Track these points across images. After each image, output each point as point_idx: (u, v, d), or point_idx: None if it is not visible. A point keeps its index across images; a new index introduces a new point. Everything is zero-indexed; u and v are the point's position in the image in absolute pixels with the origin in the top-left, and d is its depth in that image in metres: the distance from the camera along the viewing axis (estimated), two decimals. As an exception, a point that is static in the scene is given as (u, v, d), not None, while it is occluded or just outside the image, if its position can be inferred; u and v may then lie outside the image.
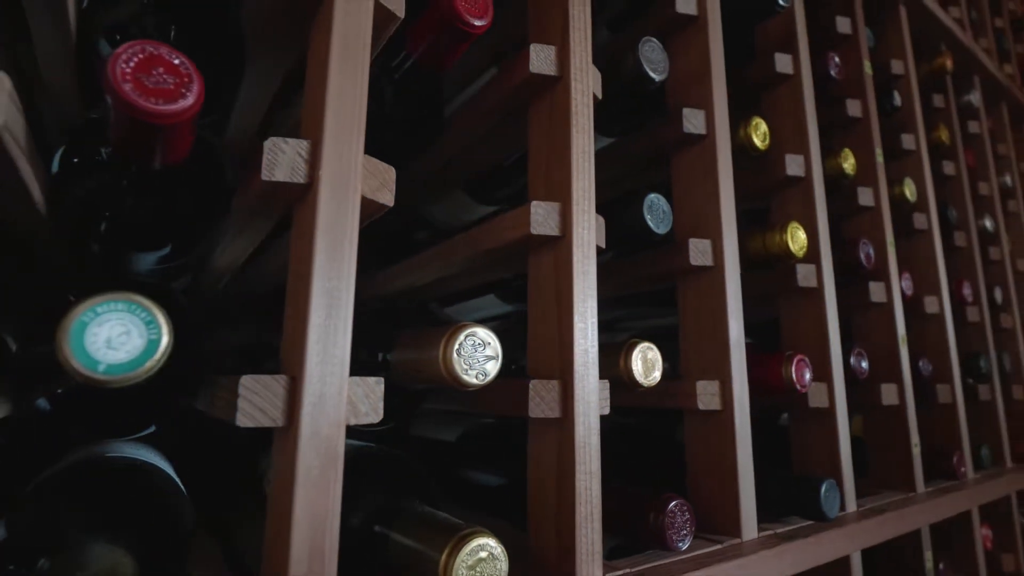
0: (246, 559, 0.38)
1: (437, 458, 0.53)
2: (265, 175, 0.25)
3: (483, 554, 0.26)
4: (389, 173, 0.28)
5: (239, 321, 0.57)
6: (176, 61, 0.23)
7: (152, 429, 0.35)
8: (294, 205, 0.27)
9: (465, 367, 0.28)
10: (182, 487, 0.32)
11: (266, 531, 0.25)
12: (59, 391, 0.30)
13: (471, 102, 0.42)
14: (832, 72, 0.58)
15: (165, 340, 0.21)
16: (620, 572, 0.32)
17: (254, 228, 0.32)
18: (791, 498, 0.44)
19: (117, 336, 0.20)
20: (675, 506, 0.35)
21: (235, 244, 0.37)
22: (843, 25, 0.63)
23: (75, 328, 0.19)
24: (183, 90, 0.22)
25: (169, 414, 0.34)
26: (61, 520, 0.27)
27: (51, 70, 0.35)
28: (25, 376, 0.32)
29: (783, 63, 0.53)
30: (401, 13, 0.30)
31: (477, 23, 0.33)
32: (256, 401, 0.23)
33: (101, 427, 0.34)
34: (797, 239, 0.47)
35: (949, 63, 0.78)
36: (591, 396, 0.32)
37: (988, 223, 0.84)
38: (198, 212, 0.34)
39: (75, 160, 0.30)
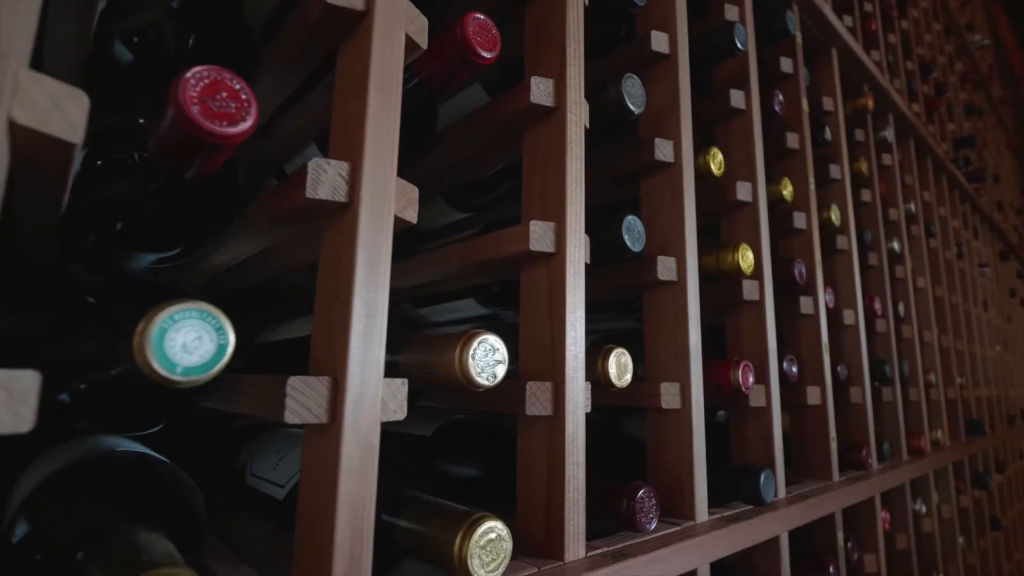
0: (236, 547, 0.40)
1: (413, 451, 0.56)
2: (309, 193, 0.27)
3: (492, 535, 0.30)
4: (414, 193, 0.31)
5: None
6: (237, 87, 0.25)
7: (159, 427, 0.36)
8: (326, 221, 0.29)
9: (478, 370, 0.31)
10: (191, 480, 0.33)
11: (300, 517, 0.27)
12: (82, 387, 0.31)
13: (466, 122, 0.45)
14: (776, 108, 0.65)
15: (231, 345, 0.23)
16: (600, 551, 0.36)
17: (274, 235, 0.34)
18: (735, 486, 0.50)
19: (191, 341, 0.22)
20: (644, 493, 0.40)
21: (240, 246, 0.38)
22: (786, 65, 0.71)
23: (156, 333, 0.21)
24: (243, 114, 0.25)
25: (181, 413, 0.36)
26: (87, 513, 0.29)
27: (57, 70, 0.35)
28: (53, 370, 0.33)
29: (737, 99, 0.59)
30: (425, 45, 0.33)
31: (486, 55, 0.36)
32: (302, 400, 0.26)
33: (112, 423, 0.35)
34: (747, 259, 0.53)
35: (871, 103, 0.88)
36: (579, 396, 0.36)
37: (895, 245, 0.95)
38: (212, 217, 0.35)
39: (99, 163, 0.31)
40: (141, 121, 0.31)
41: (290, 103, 0.41)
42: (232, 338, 0.23)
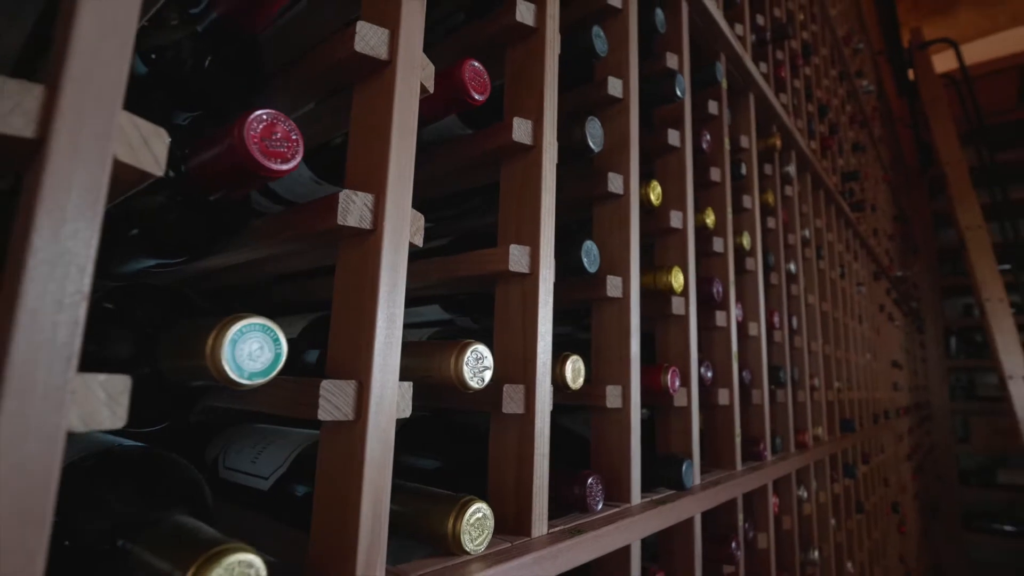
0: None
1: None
2: (340, 220, 0.31)
3: (479, 515, 0.35)
4: (421, 220, 0.36)
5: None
6: (289, 128, 0.29)
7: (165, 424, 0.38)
8: (348, 243, 0.34)
9: (471, 375, 0.36)
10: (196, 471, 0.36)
11: (319, 503, 0.31)
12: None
13: (448, 148, 0.49)
14: (704, 146, 0.75)
15: (285, 353, 0.27)
16: (558, 528, 0.43)
17: (289, 249, 0.38)
18: (661, 473, 0.58)
19: (255, 350, 0.26)
20: (592, 480, 0.47)
21: (248, 254, 0.41)
22: (712, 108, 0.81)
23: (229, 343, 0.25)
24: (292, 153, 0.29)
25: (189, 411, 0.38)
26: (106, 504, 0.31)
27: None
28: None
29: (673, 138, 0.68)
30: (432, 89, 0.38)
31: (479, 98, 0.42)
32: (333, 400, 0.30)
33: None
34: (678, 279, 0.62)
35: (779, 143, 1.01)
36: (546, 397, 0.43)
37: (792, 267, 1.09)
38: (225, 230, 0.38)
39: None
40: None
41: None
42: (285, 348, 0.27)
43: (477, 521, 0.35)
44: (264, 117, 0.28)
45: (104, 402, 0.22)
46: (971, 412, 3.89)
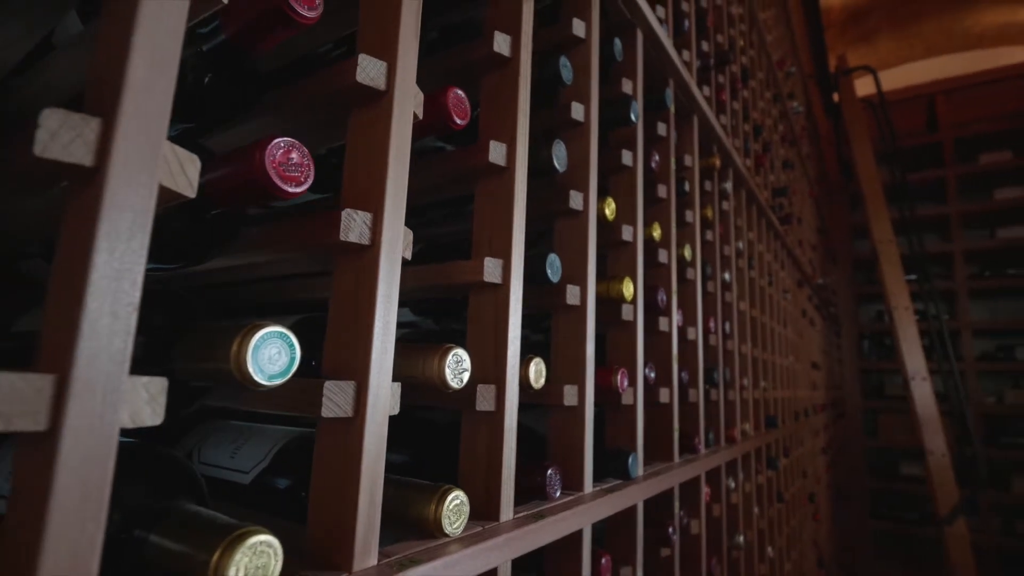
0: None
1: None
2: (342, 236, 0.34)
3: (457, 501, 0.39)
4: (410, 235, 0.39)
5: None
6: (303, 155, 0.32)
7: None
8: (347, 256, 0.37)
9: (451, 376, 0.40)
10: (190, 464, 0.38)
11: (315, 492, 0.35)
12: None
13: (427, 164, 0.53)
14: (653, 165, 0.81)
15: (299, 358, 0.30)
16: (523, 513, 0.47)
17: (287, 257, 0.40)
18: (610, 465, 0.64)
19: (274, 355, 0.29)
20: (552, 471, 0.52)
21: (235, 260, 0.43)
22: (661, 129, 0.88)
23: (253, 349, 0.28)
24: (304, 178, 0.32)
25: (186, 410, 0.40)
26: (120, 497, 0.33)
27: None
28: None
29: (627, 158, 0.74)
30: (422, 116, 0.41)
31: (460, 122, 0.45)
32: (335, 399, 0.33)
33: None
34: (629, 289, 0.68)
35: (718, 163, 1.10)
36: (514, 395, 0.47)
37: (727, 276, 1.19)
38: (222, 239, 0.40)
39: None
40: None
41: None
42: (299, 353, 0.30)
43: (456, 507, 0.39)
44: (282, 144, 0.31)
45: (147, 401, 0.25)
46: (880, 409, 4.24)
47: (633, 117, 0.70)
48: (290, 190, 0.31)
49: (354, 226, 0.35)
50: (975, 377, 3.70)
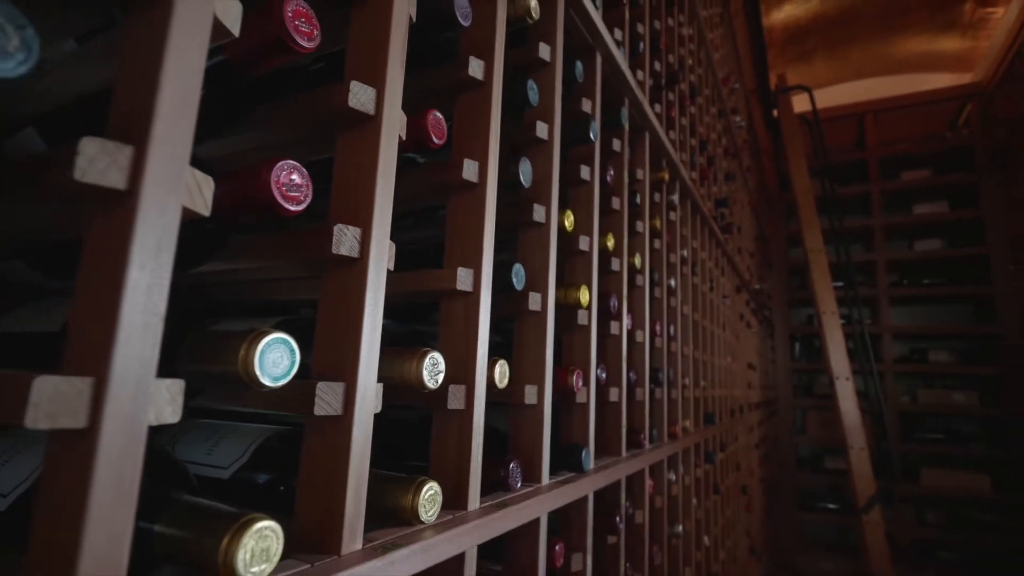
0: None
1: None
2: (334, 250, 0.38)
3: (432, 492, 0.43)
4: (393, 248, 0.43)
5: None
6: (304, 177, 0.35)
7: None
8: (333, 267, 0.40)
9: (428, 377, 0.44)
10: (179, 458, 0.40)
11: (304, 485, 0.38)
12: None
13: (403, 176, 0.56)
14: (608, 179, 0.87)
15: (298, 361, 0.33)
16: (488, 503, 0.52)
17: (278, 265, 0.43)
18: (564, 459, 0.69)
19: (279, 359, 0.32)
20: (514, 464, 0.57)
21: (223, 265, 0.45)
22: (616, 145, 0.93)
23: (259, 353, 0.31)
24: (304, 197, 0.35)
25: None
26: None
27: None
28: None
29: (585, 173, 0.79)
30: (405, 137, 0.45)
31: (438, 142, 0.49)
32: (326, 398, 0.36)
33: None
34: (585, 296, 0.73)
35: (667, 176, 1.17)
36: (483, 395, 0.51)
37: (672, 282, 1.27)
38: (213, 247, 0.43)
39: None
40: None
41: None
42: (299, 357, 0.33)
43: (430, 497, 0.43)
44: (286, 166, 0.34)
45: (168, 401, 0.27)
46: (808, 407, 4.52)
47: (592, 136, 0.75)
48: (292, 208, 0.34)
49: (345, 240, 0.38)
50: (892, 378, 4.00)
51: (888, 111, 4.25)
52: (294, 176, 0.34)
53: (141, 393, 0.26)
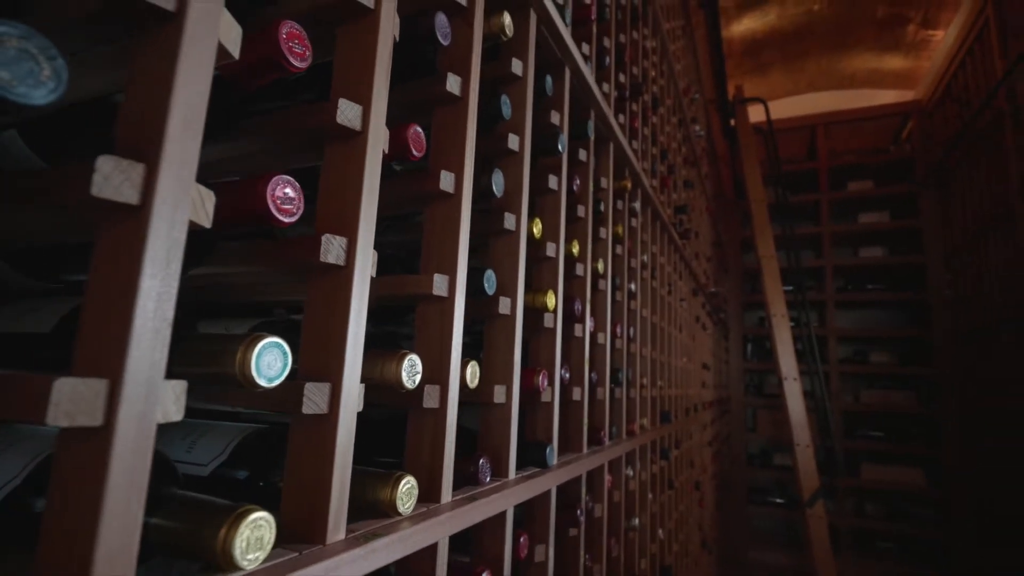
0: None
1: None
2: (322, 258, 0.40)
3: (409, 485, 0.46)
4: (375, 256, 0.45)
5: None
6: (296, 189, 0.37)
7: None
8: (319, 274, 0.42)
9: (407, 378, 0.47)
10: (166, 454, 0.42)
11: (290, 478, 0.40)
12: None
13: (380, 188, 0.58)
14: (574, 188, 0.91)
15: (290, 363, 0.36)
16: (460, 496, 0.55)
17: (263, 271, 0.45)
18: (529, 455, 0.73)
19: (272, 361, 0.34)
20: (484, 460, 0.60)
21: (208, 270, 0.47)
22: (582, 155, 0.98)
23: (256, 355, 0.33)
24: (296, 209, 0.38)
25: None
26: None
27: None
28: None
29: (553, 182, 0.83)
30: (387, 151, 0.47)
31: (417, 154, 0.52)
32: (313, 398, 0.39)
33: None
34: (551, 300, 0.77)
35: (629, 185, 1.22)
36: (456, 394, 0.54)
37: (633, 286, 1.32)
38: (201, 254, 0.44)
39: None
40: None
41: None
42: (291, 359, 0.36)
43: (408, 490, 0.46)
44: (282, 181, 0.36)
45: (173, 401, 0.30)
46: (759, 406, 4.70)
47: (560, 148, 0.79)
48: (285, 220, 0.37)
49: (332, 249, 0.41)
50: (837, 378, 4.21)
51: (837, 124, 4.46)
52: (288, 190, 0.37)
53: (151, 394, 0.28)
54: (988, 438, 3.27)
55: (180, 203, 0.29)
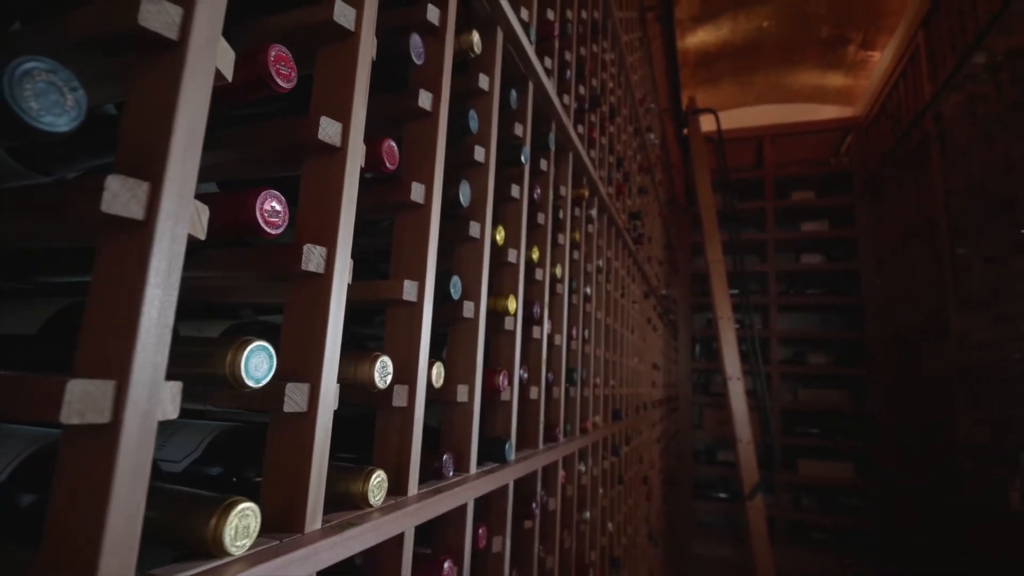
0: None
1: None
2: (304, 266, 0.43)
3: (379, 479, 0.49)
4: (351, 263, 0.48)
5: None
6: (282, 201, 0.40)
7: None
8: (298, 281, 0.45)
9: (379, 378, 0.50)
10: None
11: (270, 470, 0.43)
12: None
13: (352, 193, 0.61)
14: (535, 196, 0.96)
15: (275, 365, 0.38)
16: (425, 490, 0.58)
17: (243, 276, 0.47)
18: (489, 450, 0.77)
19: (260, 363, 0.37)
20: (447, 456, 0.63)
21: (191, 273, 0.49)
22: (543, 165, 1.02)
23: (246, 359, 0.36)
24: (282, 222, 0.40)
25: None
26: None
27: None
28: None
29: (515, 191, 0.87)
30: (364, 164, 0.50)
31: (391, 167, 0.55)
32: (294, 397, 0.42)
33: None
34: (512, 304, 0.81)
35: (587, 193, 1.28)
36: (423, 393, 0.58)
37: (588, 290, 1.38)
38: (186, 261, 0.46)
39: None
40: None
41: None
42: (276, 361, 0.38)
43: (378, 484, 0.49)
44: (270, 196, 0.39)
45: (170, 400, 0.32)
46: (706, 404, 4.89)
47: (523, 159, 0.83)
48: (272, 232, 0.39)
49: (313, 258, 0.44)
50: (778, 377, 4.43)
51: (783, 136, 4.69)
52: (275, 204, 0.39)
53: (154, 394, 0.30)
54: (912, 433, 3.52)
55: (181, 218, 0.32)
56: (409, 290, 0.57)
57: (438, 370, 0.64)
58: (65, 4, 0.33)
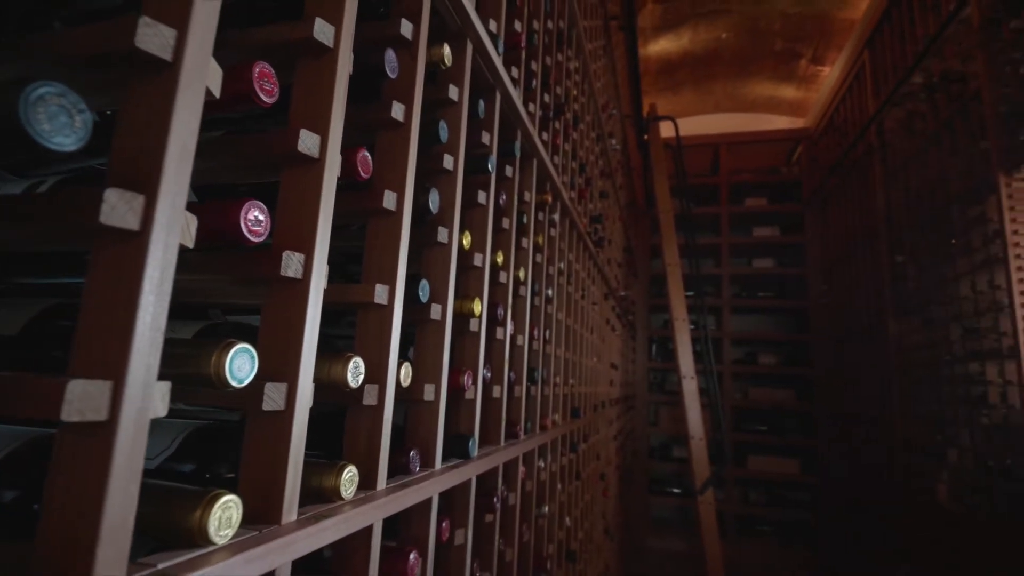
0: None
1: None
2: (282, 272, 0.45)
3: (350, 474, 0.52)
4: (327, 269, 0.51)
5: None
6: (265, 211, 0.43)
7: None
8: (277, 286, 0.47)
9: (351, 378, 0.53)
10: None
11: (247, 467, 0.45)
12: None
13: (326, 198, 0.63)
14: (500, 202, 0.99)
15: (257, 366, 0.41)
16: (393, 484, 0.61)
17: (221, 279, 0.49)
18: (453, 447, 0.80)
19: (243, 364, 0.39)
20: (414, 452, 0.66)
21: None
22: (508, 171, 1.06)
23: (229, 361, 0.38)
24: (264, 231, 0.43)
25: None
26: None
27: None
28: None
29: (481, 197, 0.90)
30: (339, 174, 0.53)
31: (365, 176, 0.58)
32: (272, 396, 0.44)
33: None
34: (478, 306, 0.84)
35: (550, 199, 1.32)
36: (393, 391, 0.60)
37: (550, 292, 1.42)
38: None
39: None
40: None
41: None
42: (258, 363, 0.41)
43: (350, 478, 0.52)
44: (253, 206, 0.41)
45: (160, 399, 0.34)
46: (661, 402, 5.03)
47: (490, 167, 0.87)
48: (255, 240, 0.42)
49: (291, 264, 0.46)
50: (730, 377, 4.60)
51: (738, 144, 4.86)
52: (258, 214, 0.42)
53: (147, 393, 0.32)
54: (853, 430, 3.72)
55: (173, 229, 0.34)
56: (380, 294, 0.60)
57: (406, 370, 0.66)
58: (63, 17, 0.35)
